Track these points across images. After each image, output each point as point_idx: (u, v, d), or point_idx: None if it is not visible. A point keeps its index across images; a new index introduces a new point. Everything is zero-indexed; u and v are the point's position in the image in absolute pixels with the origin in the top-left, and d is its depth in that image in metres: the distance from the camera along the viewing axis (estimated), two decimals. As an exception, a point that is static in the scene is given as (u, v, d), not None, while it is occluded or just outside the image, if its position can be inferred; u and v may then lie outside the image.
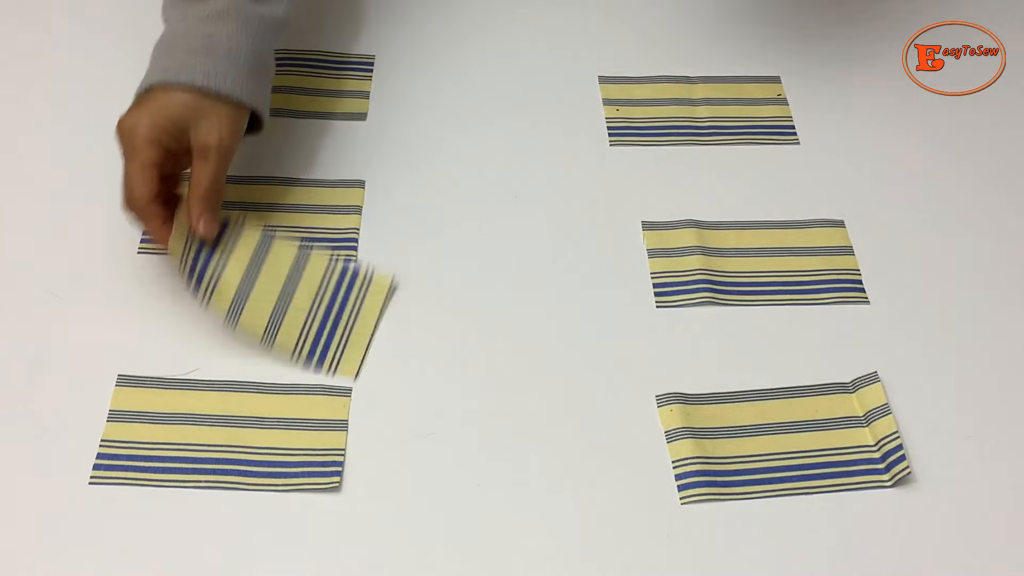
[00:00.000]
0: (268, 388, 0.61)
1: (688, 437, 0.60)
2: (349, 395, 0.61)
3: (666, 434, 0.60)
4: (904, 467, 0.59)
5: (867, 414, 0.62)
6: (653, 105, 0.79)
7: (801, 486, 0.59)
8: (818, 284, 0.68)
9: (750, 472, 0.59)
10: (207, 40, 0.63)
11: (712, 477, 0.58)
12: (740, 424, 0.61)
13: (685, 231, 0.70)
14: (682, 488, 0.58)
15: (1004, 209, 0.74)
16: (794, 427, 0.61)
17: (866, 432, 0.61)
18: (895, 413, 0.61)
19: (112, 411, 0.59)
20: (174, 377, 0.61)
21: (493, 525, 0.56)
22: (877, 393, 0.62)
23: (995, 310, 0.68)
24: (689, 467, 0.59)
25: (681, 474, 0.59)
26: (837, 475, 0.59)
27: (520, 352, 0.64)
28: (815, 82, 0.82)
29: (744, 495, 0.58)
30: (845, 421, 0.62)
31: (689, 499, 0.58)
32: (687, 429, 0.60)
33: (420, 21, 0.85)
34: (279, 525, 0.56)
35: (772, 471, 0.59)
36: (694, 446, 0.59)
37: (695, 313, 0.66)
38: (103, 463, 0.57)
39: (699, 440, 0.60)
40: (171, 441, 0.58)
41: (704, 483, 0.58)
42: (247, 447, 0.58)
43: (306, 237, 0.68)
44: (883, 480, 0.59)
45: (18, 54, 0.79)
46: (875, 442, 0.60)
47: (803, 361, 0.65)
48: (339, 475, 0.57)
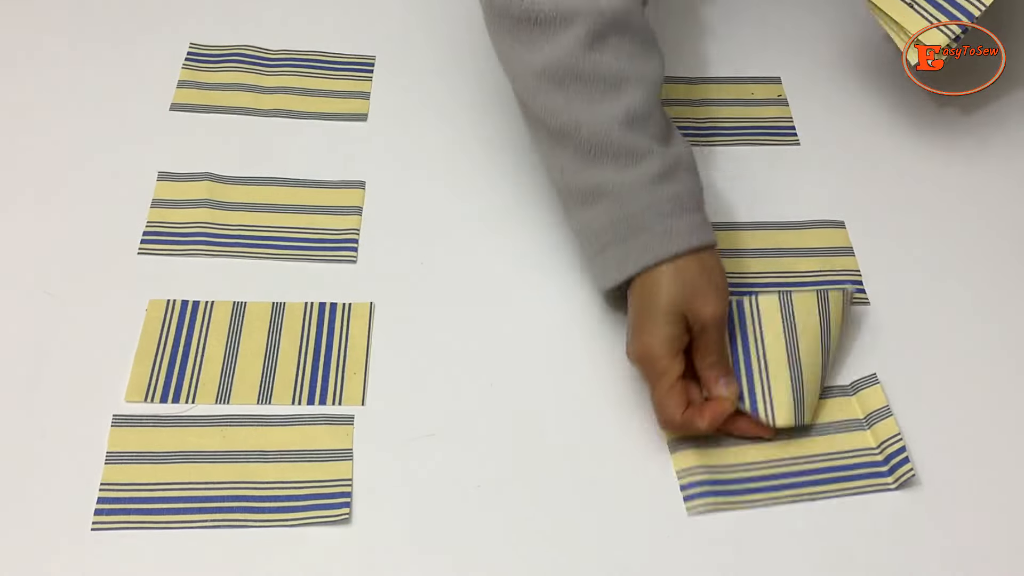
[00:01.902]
0: (269, 420, 0.60)
1: (691, 447, 0.59)
2: (352, 423, 0.60)
3: (669, 444, 0.60)
4: (908, 469, 0.58)
5: (868, 416, 0.61)
6: None
7: (805, 492, 0.58)
8: (818, 285, 0.68)
9: (754, 480, 0.58)
10: (676, 201, 0.59)
11: (717, 486, 0.58)
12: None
13: None
14: (688, 499, 0.58)
15: (1004, 209, 0.74)
16: (795, 432, 0.60)
17: (868, 435, 0.61)
18: (896, 414, 0.61)
19: (110, 453, 0.57)
20: (171, 415, 0.59)
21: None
22: (877, 395, 0.62)
23: (996, 309, 0.68)
24: (694, 477, 0.58)
25: (686, 484, 0.58)
26: (841, 479, 0.59)
27: (521, 354, 0.64)
28: (815, 82, 0.82)
29: (749, 503, 0.58)
30: (846, 424, 0.61)
31: (696, 509, 0.57)
32: (690, 438, 0.59)
33: (420, 21, 0.85)
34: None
35: (775, 478, 0.59)
36: (698, 455, 0.59)
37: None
38: (105, 507, 0.55)
39: (702, 449, 0.59)
40: (174, 481, 0.56)
41: (710, 492, 0.58)
42: (252, 483, 0.57)
43: (306, 237, 0.69)
44: (887, 483, 0.59)
45: (18, 54, 0.79)
46: (877, 444, 0.60)
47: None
48: (348, 506, 0.56)
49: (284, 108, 0.77)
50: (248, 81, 0.78)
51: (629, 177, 0.59)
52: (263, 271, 0.67)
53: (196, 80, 0.78)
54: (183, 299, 0.64)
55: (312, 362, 0.62)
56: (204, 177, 0.71)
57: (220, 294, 0.65)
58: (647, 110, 0.61)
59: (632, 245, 0.59)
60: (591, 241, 0.62)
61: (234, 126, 0.75)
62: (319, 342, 0.63)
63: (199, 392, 0.60)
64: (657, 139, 0.61)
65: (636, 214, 0.59)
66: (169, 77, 0.78)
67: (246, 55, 0.80)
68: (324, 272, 0.67)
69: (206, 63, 0.79)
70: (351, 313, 0.65)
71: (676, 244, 0.58)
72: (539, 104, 0.62)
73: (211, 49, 0.80)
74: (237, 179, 0.71)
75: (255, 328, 0.63)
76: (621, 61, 0.61)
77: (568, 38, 0.60)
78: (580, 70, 0.60)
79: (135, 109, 0.76)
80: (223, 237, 0.68)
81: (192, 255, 0.67)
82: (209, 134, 0.74)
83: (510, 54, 0.64)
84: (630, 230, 0.59)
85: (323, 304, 0.65)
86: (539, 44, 0.61)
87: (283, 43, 0.81)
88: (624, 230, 0.59)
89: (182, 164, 0.72)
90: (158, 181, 0.71)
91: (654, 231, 0.59)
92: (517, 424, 0.61)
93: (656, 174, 0.59)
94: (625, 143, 0.59)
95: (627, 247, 0.59)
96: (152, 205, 0.69)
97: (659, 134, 0.61)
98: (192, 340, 0.62)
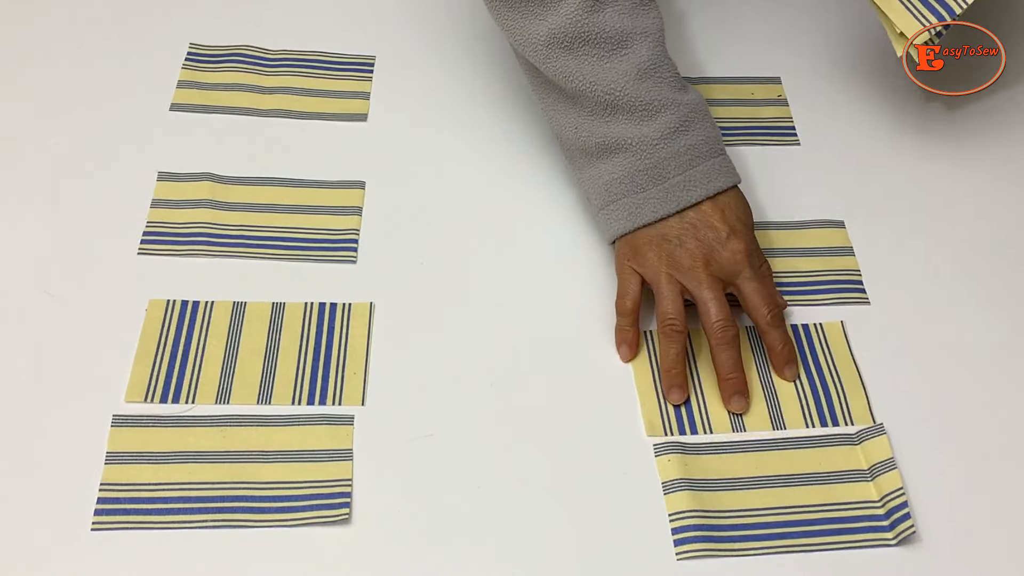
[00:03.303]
0: (269, 421, 0.59)
1: (686, 489, 0.57)
2: (352, 423, 0.60)
3: (663, 485, 0.58)
4: (909, 525, 0.56)
5: (872, 468, 0.59)
6: None
7: (802, 543, 0.56)
8: (818, 285, 0.68)
9: (749, 527, 0.56)
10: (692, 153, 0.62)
11: (710, 532, 0.56)
12: (740, 476, 0.59)
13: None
14: (678, 543, 0.56)
15: (1005, 209, 0.74)
16: (796, 480, 0.59)
17: (871, 487, 0.58)
18: (896, 412, 0.61)
19: (110, 453, 0.57)
20: (171, 415, 0.59)
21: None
22: (883, 446, 0.59)
23: (996, 309, 0.68)
24: (686, 520, 0.56)
25: (678, 528, 0.56)
26: (840, 531, 0.56)
27: (521, 354, 0.64)
28: (815, 82, 0.82)
29: (742, 551, 0.56)
30: (849, 475, 0.59)
31: (685, 555, 0.55)
32: (685, 480, 0.58)
33: (420, 21, 0.85)
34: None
35: (772, 526, 0.57)
36: (692, 498, 0.57)
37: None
38: (105, 508, 0.55)
39: (697, 492, 0.57)
40: (173, 481, 0.56)
41: (701, 538, 0.55)
42: (252, 483, 0.57)
43: (306, 237, 0.69)
44: (887, 538, 0.56)
45: (19, 53, 0.79)
46: (880, 498, 0.58)
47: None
48: (348, 506, 0.56)
49: (284, 108, 0.77)
50: (248, 81, 0.78)
51: (647, 131, 0.62)
52: (263, 271, 0.67)
53: (196, 80, 0.78)
54: (183, 299, 0.64)
55: (312, 362, 0.62)
56: (204, 177, 0.71)
57: (220, 294, 0.65)
58: (656, 62, 0.63)
59: (651, 193, 0.62)
60: (602, 193, 0.64)
61: (234, 126, 0.75)
62: (319, 342, 0.63)
63: (199, 392, 0.60)
64: (671, 89, 0.63)
65: (655, 165, 0.62)
66: (169, 77, 0.78)
67: (246, 55, 0.80)
68: (324, 272, 0.67)
69: (206, 63, 0.79)
70: (351, 313, 0.65)
71: (695, 193, 0.61)
72: (552, 70, 0.64)
73: (211, 49, 0.80)
74: (237, 179, 0.71)
75: (255, 328, 0.63)
76: (624, 18, 0.63)
77: (569, 4, 0.62)
78: (586, 33, 0.62)
79: (135, 109, 0.76)
80: (223, 237, 0.68)
81: (192, 255, 0.67)
82: (209, 134, 0.75)
83: (514, 27, 0.65)
84: (650, 180, 0.62)
85: (323, 304, 0.65)
86: (542, 14, 0.63)
87: (283, 43, 0.81)
88: (643, 180, 0.62)
89: (182, 164, 0.72)
90: (158, 181, 0.71)
91: (672, 181, 0.61)
92: (517, 424, 0.61)
93: (674, 127, 0.62)
94: (640, 97, 0.62)
95: (644, 196, 0.62)
96: (152, 205, 0.69)
97: (672, 84, 0.63)
98: (192, 340, 0.62)
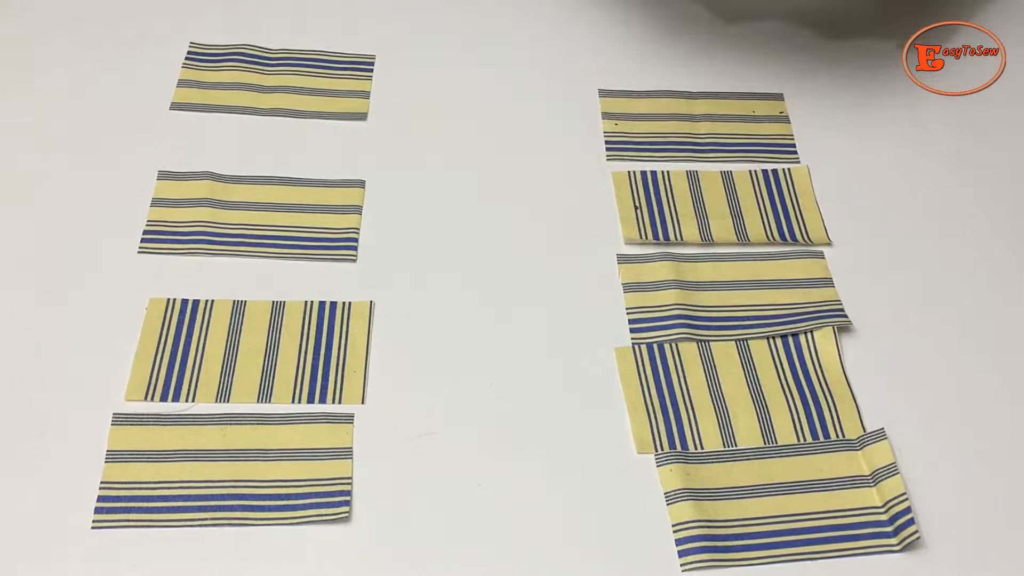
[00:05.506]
0: (269, 419, 0.60)
1: (688, 499, 0.57)
2: (352, 421, 0.60)
3: (666, 496, 0.58)
4: (913, 531, 0.55)
5: (874, 473, 0.59)
6: (652, 120, 0.78)
7: (806, 551, 0.56)
8: (801, 315, 0.66)
9: (752, 536, 0.56)
10: None
11: (714, 542, 0.55)
12: (741, 484, 0.58)
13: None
14: (683, 554, 0.55)
15: (1005, 208, 0.74)
16: (798, 487, 0.58)
17: (873, 492, 0.58)
18: (896, 414, 0.61)
19: (110, 451, 0.57)
20: (171, 413, 0.59)
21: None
22: (884, 451, 0.59)
23: (998, 320, 0.68)
24: (690, 531, 0.56)
25: (682, 539, 0.56)
26: (843, 539, 0.56)
27: (521, 354, 0.64)
28: (817, 100, 0.80)
29: (746, 561, 0.55)
30: (851, 481, 0.59)
31: (690, 565, 0.55)
32: (688, 490, 0.57)
33: (420, 21, 0.85)
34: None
35: (776, 535, 0.56)
36: (695, 508, 0.57)
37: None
38: (105, 506, 0.55)
39: (699, 502, 0.57)
40: (174, 479, 0.56)
41: (706, 548, 0.55)
42: (252, 481, 0.57)
43: (306, 236, 0.69)
44: (891, 544, 0.56)
45: (19, 53, 0.79)
46: (883, 503, 0.57)
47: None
48: (348, 504, 0.56)
49: (284, 107, 0.77)
50: (248, 80, 0.78)
51: None
52: (263, 270, 0.67)
53: (196, 79, 0.78)
54: (183, 298, 0.64)
55: (312, 361, 0.62)
56: (204, 176, 0.71)
57: (220, 293, 0.65)
58: None
59: None
60: None
61: (234, 125, 0.75)
62: (319, 341, 0.63)
63: (199, 391, 0.60)
64: None
65: None
66: (169, 76, 0.78)
67: (246, 54, 0.80)
68: (324, 271, 0.67)
69: (206, 62, 0.79)
70: (351, 312, 0.65)
71: None
72: None
73: (211, 48, 0.80)
74: (237, 178, 0.71)
75: (255, 327, 0.64)
76: None
77: None
78: None
79: (135, 108, 0.76)
80: (223, 236, 0.68)
81: (192, 254, 0.67)
82: (209, 133, 0.75)
83: None
84: None
85: (323, 303, 0.65)
86: None
87: (283, 42, 0.81)
88: None
89: (182, 163, 0.72)
90: (158, 180, 0.71)
91: None
92: (517, 424, 0.61)
93: None
94: None
95: None
96: (152, 204, 0.69)
97: None
98: (192, 339, 0.62)
